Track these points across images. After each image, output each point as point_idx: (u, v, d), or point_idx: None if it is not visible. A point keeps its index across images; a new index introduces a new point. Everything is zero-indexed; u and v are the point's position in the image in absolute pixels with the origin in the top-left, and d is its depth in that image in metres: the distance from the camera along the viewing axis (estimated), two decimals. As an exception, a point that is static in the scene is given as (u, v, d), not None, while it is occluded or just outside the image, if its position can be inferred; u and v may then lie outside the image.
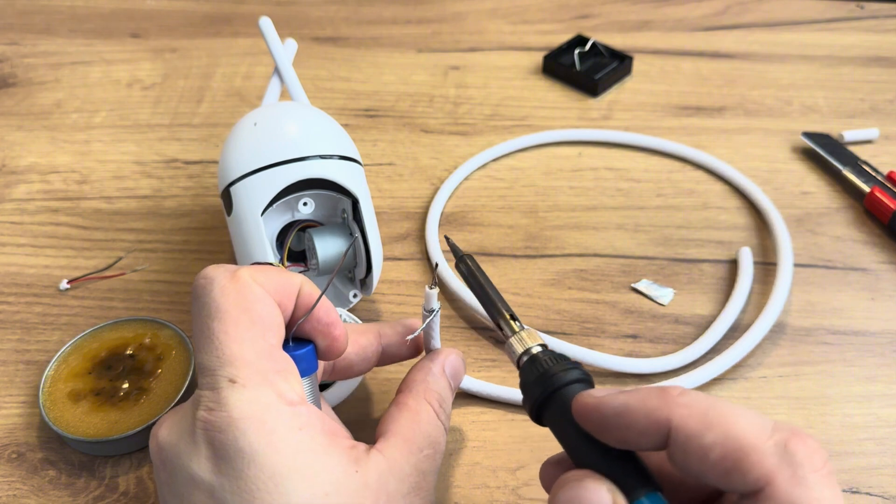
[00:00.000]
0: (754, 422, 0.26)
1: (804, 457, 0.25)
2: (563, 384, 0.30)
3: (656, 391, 0.28)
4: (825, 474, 0.25)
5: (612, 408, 0.28)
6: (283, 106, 0.51)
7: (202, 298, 0.33)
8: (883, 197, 0.56)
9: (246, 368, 0.31)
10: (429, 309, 0.40)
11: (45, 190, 0.59)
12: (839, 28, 0.77)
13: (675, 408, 0.27)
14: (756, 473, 0.25)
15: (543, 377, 0.31)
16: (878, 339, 0.49)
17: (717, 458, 0.26)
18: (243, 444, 0.30)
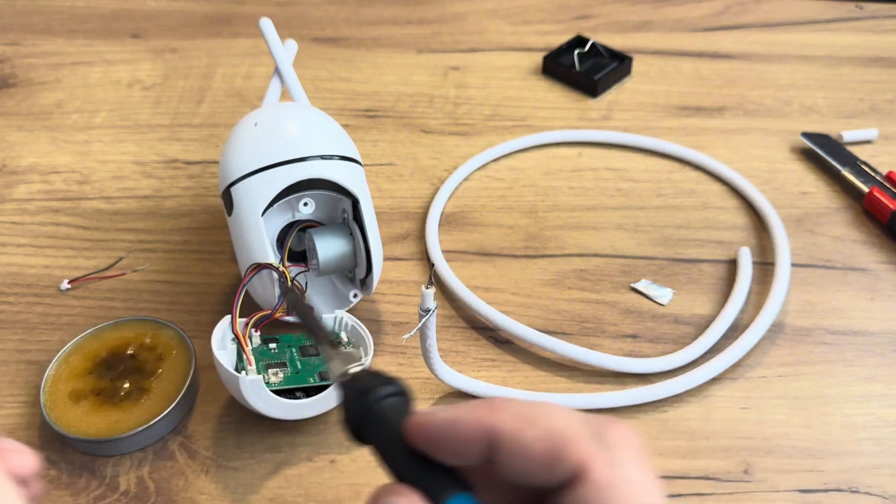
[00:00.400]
0: (571, 415, 0.27)
1: (618, 440, 0.27)
2: (378, 399, 0.30)
3: (483, 402, 0.29)
4: (638, 456, 0.27)
5: (441, 420, 0.28)
6: (283, 106, 0.51)
7: None
8: (882, 197, 0.57)
9: None
10: (425, 308, 0.40)
11: (46, 190, 0.59)
12: (838, 28, 0.77)
13: (499, 413, 0.27)
14: (575, 460, 0.26)
15: (360, 394, 0.30)
16: (878, 339, 0.49)
17: (539, 451, 0.26)
18: None
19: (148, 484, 0.42)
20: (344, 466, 0.43)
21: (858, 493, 0.42)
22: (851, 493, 0.42)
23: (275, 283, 0.44)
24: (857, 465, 0.43)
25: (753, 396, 0.46)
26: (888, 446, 0.44)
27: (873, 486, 0.42)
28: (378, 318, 0.50)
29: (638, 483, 0.26)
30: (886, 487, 0.42)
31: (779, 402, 0.46)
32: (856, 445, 0.44)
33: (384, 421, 0.30)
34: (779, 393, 0.46)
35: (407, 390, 0.31)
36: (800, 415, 0.45)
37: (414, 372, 0.47)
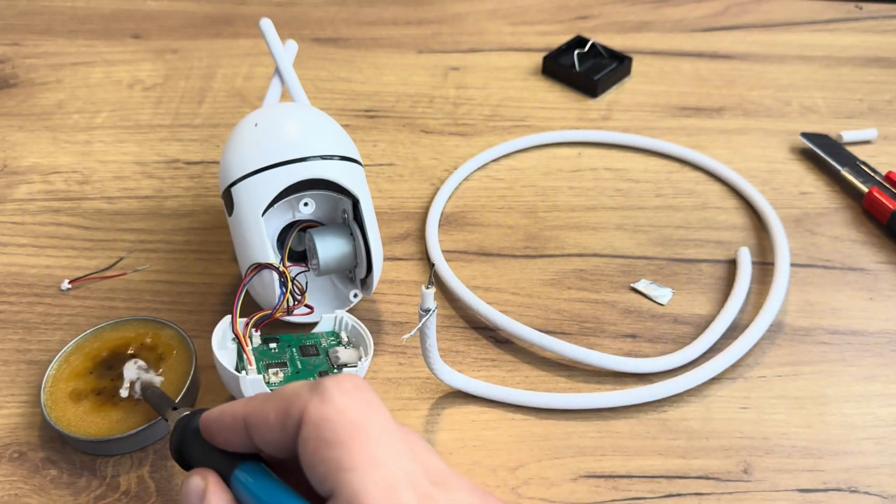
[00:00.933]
0: (300, 382, 0.29)
1: (332, 383, 0.28)
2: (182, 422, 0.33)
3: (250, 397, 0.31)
4: (351, 388, 0.28)
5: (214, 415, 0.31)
6: (283, 106, 0.51)
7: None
8: (881, 197, 0.57)
9: None
10: (425, 308, 0.40)
11: (47, 190, 0.59)
12: (838, 29, 0.77)
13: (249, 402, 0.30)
14: (297, 410, 0.28)
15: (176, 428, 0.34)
16: (877, 339, 0.49)
17: (275, 418, 0.28)
18: None
19: (148, 484, 0.42)
20: (344, 466, 0.43)
21: (858, 493, 0.42)
22: (851, 492, 0.42)
23: (275, 282, 0.44)
24: (856, 464, 0.43)
25: (753, 396, 0.46)
26: (888, 446, 0.44)
27: (873, 485, 0.42)
28: (378, 318, 0.50)
29: (351, 410, 0.27)
30: (886, 487, 0.42)
31: (778, 401, 0.46)
32: (855, 445, 0.44)
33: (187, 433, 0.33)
34: (778, 393, 0.46)
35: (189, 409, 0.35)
36: (799, 414, 0.45)
37: (414, 372, 0.47)
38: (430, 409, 0.46)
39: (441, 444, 0.44)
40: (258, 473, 0.30)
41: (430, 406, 0.46)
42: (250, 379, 0.40)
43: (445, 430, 0.45)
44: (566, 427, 0.45)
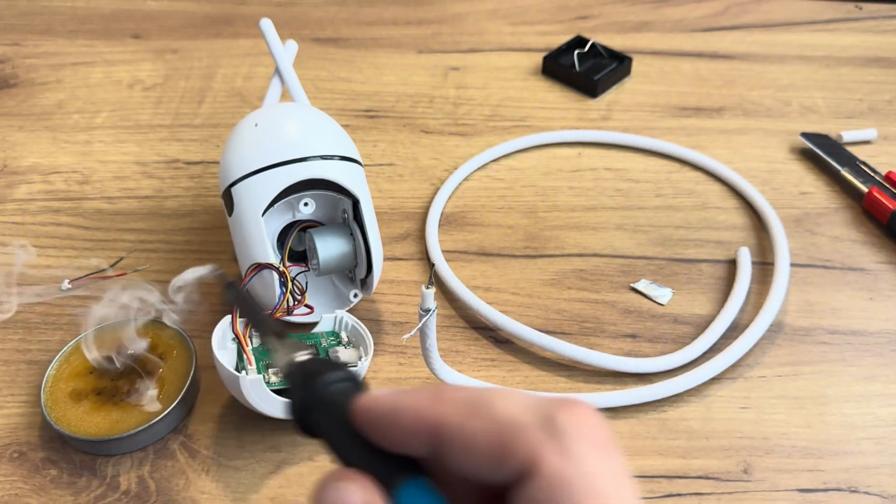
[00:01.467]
0: (518, 400, 0.23)
1: (572, 426, 0.23)
2: (326, 385, 0.28)
3: (430, 390, 0.25)
4: (599, 443, 0.23)
5: (383, 408, 0.25)
6: (283, 107, 0.51)
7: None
8: (881, 197, 0.57)
9: None
10: (425, 308, 0.40)
11: (47, 190, 0.59)
12: (838, 29, 0.77)
13: (440, 404, 0.24)
14: (523, 453, 0.22)
15: (304, 382, 0.28)
16: (877, 339, 0.49)
17: (485, 446, 0.23)
18: None
19: (149, 483, 0.42)
20: (344, 466, 0.43)
21: (858, 493, 0.42)
22: (851, 492, 0.42)
23: (275, 282, 0.44)
24: (856, 464, 0.43)
25: (753, 396, 0.46)
26: (887, 446, 0.44)
27: (873, 485, 0.42)
28: (378, 318, 0.50)
29: (598, 477, 0.22)
30: (886, 487, 0.42)
31: (778, 401, 0.46)
32: (855, 445, 0.44)
33: (331, 406, 0.27)
34: (778, 393, 0.46)
35: (356, 375, 0.28)
36: (799, 414, 0.45)
37: (414, 372, 0.47)
38: (430, 409, 0.46)
39: (441, 443, 0.44)
40: (427, 496, 0.24)
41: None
42: (250, 379, 0.40)
43: (445, 429, 0.45)
44: (566, 427, 0.45)
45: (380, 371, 0.47)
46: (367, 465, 0.25)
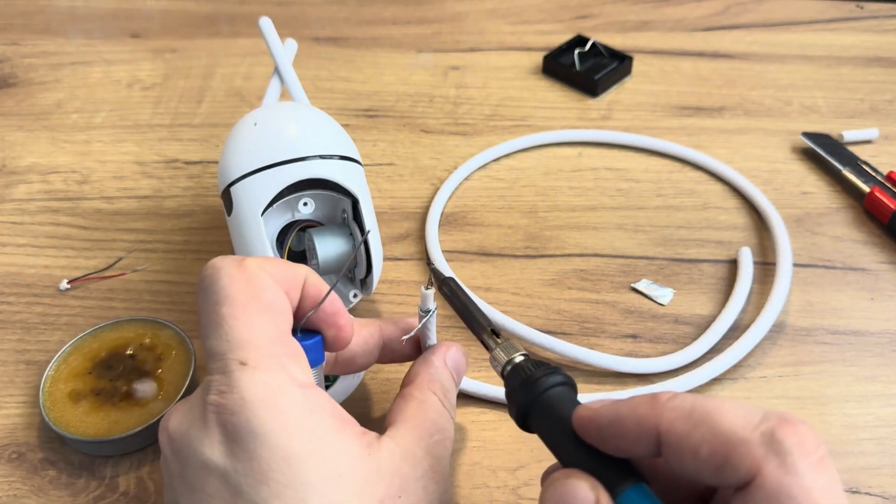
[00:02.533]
0: (740, 414, 0.26)
1: (793, 444, 0.25)
2: (545, 388, 0.31)
3: (646, 399, 0.28)
4: (817, 460, 0.25)
5: (606, 418, 0.28)
6: (283, 106, 0.51)
7: (210, 287, 0.33)
8: (882, 197, 0.57)
9: (256, 351, 0.31)
10: (425, 309, 0.40)
11: (46, 190, 0.59)
12: (839, 28, 0.77)
13: (663, 412, 0.27)
14: (745, 465, 0.25)
15: (526, 383, 0.32)
16: (878, 339, 0.49)
17: (707, 455, 0.26)
18: (256, 426, 0.29)
19: (147, 484, 0.42)
20: (344, 467, 0.43)
21: (859, 494, 0.42)
22: (852, 493, 0.42)
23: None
24: (857, 465, 0.43)
25: (754, 397, 0.46)
26: (889, 446, 0.44)
27: (874, 486, 0.42)
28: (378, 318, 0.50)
29: (816, 491, 0.24)
30: (887, 488, 0.42)
31: (779, 402, 0.46)
32: (856, 445, 0.44)
33: (552, 411, 0.31)
34: (779, 393, 0.46)
35: (570, 379, 0.32)
36: (800, 415, 0.45)
37: (414, 372, 0.47)
38: (430, 409, 0.45)
39: (441, 444, 0.44)
40: (649, 500, 0.27)
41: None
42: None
43: (445, 430, 0.45)
44: (567, 428, 0.45)
45: (379, 371, 0.47)
46: (590, 468, 0.28)
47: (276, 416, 0.30)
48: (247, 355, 0.31)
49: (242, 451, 0.29)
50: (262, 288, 0.33)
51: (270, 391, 0.30)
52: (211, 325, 0.32)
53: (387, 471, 0.31)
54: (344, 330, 0.36)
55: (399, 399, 0.37)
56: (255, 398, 0.30)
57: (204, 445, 0.30)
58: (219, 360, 0.31)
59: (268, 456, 0.29)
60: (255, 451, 0.29)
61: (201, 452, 0.30)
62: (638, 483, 0.28)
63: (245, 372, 0.30)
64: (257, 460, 0.29)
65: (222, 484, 0.29)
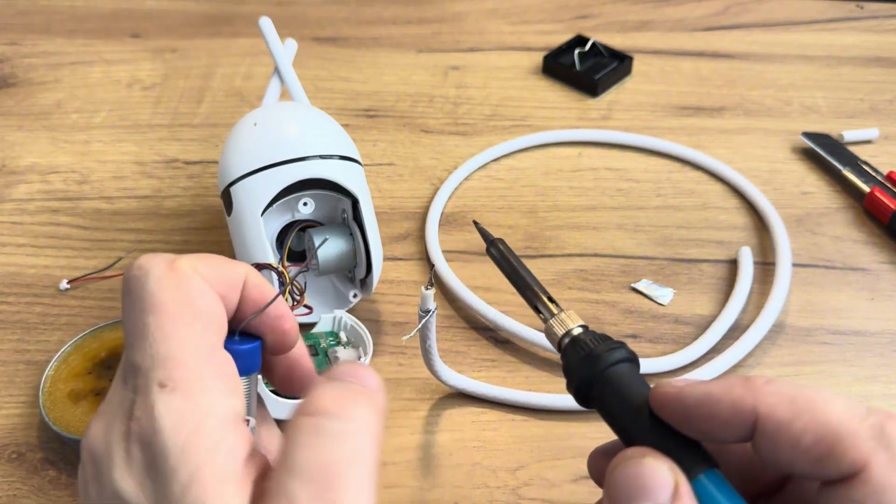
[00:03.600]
0: (846, 406, 0.25)
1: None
2: (610, 363, 0.30)
3: (741, 380, 0.27)
4: None
5: (694, 397, 0.27)
6: (283, 106, 0.51)
7: (136, 291, 0.29)
8: (883, 197, 0.56)
9: (179, 370, 0.28)
10: (425, 310, 0.40)
11: (45, 190, 0.59)
12: (839, 28, 0.77)
13: (762, 396, 0.26)
14: (850, 458, 0.24)
15: (588, 358, 0.30)
16: (878, 339, 0.49)
17: (809, 444, 0.25)
18: (166, 460, 0.26)
19: (147, 484, 0.42)
20: (344, 467, 0.43)
21: (859, 494, 0.42)
22: (852, 493, 0.42)
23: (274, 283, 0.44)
24: (857, 465, 0.43)
25: (754, 397, 0.46)
26: (889, 446, 0.44)
27: (874, 486, 0.42)
28: (378, 319, 0.50)
29: None
30: (887, 488, 0.42)
31: (779, 402, 0.46)
32: (856, 446, 0.44)
33: (619, 388, 0.29)
34: (779, 393, 0.46)
35: (635, 356, 0.30)
36: (800, 415, 0.45)
37: (414, 372, 0.47)
38: (430, 409, 0.45)
39: (441, 444, 0.44)
40: (725, 489, 0.26)
41: (430, 407, 0.46)
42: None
43: (445, 430, 0.45)
44: (567, 428, 0.45)
45: (380, 371, 0.47)
46: (665, 448, 0.27)
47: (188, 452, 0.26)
48: (169, 375, 0.27)
49: (153, 485, 0.27)
50: (194, 294, 0.29)
51: (186, 421, 0.27)
52: (135, 335, 0.29)
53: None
54: (288, 335, 0.32)
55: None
56: (169, 428, 0.27)
57: (119, 475, 0.27)
58: (140, 378, 0.28)
59: (179, 491, 0.26)
60: (166, 486, 0.26)
61: (117, 482, 0.27)
62: (712, 468, 0.27)
63: (163, 395, 0.27)
64: (168, 497, 0.26)
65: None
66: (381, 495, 0.42)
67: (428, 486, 0.42)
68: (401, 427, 0.45)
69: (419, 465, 0.43)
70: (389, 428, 0.45)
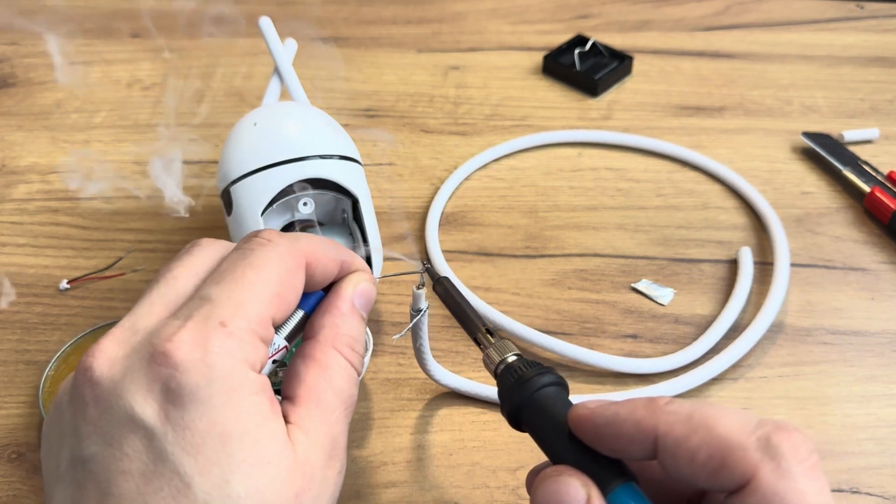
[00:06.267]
0: (737, 420, 0.27)
1: (788, 449, 0.26)
2: (538, 388, 0.32)
3: (645, 401, 0.29)
4: (810, 466, 0.26)
5: (604, 418, 0.29)
6: (283, 106, 0.51)
7: (255, 251, 0.31)
8: (883, 197, 0.56)
9: (243, 320, 0.29)
10: (416, 308, 0.40)
11: (45, 190, 0.59)
12: (839, 28, 0.77)
13: (662, 415, 0.28)
14: (741, 469, 0.26)
15: (519, 382, 0.32)
16: (878, 339, 0.49)
17: (704, 458, 0.26)
18: (203, 394, 0.27)
19: (147, 484, 0.42)
20: (344, 467, 0.43)
21: (859, 494, 0.42)
22: (852, 493, 0.42)
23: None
24: (857, 465, 0.43)
25: (754, 397, 0.46)
26: (889, 446, 0.44)
27: (874, 486, 0.42)
28: (378, 319, 0.50)
29: (808, 495, 0.25)
30: (887, 488, 0.42)
31: (779, 402, 0.46)
32: (857, 445, 0.44)
33: (544, 410, 0.31)
34: (779, 393, 0.46)
35: (562, 380, 0.32)
36: (800, 415, 0.45)
37: (414, 372, 0.47)
38: (430, 409, 0.45)
39: (441, 444, 0.44)
40: (639, 501, 0.28)
41: (429, 407, 0.46)
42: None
43: (445, 430, 0.45)
44: (567, 428, 0.45)
45: (380, 371, 0.47)
46: (582, 465, 0.29)
47: (226, 390, 0.28)
48: (232, 317, 0.29)
49: (179, 417, 0.27)
50: (293, 278, 0.32)
51: (231, 363, 0.28)
52: (228, 274, 0.30)
53: (302, 461, 0.30)
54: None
55: (299, 361, 0.33)
56: (214, 365, 0.28)
57: (137, 399, 0.27)
58: (205, 308, 0.29)
59: (204, 429, 0.27)
60: (194, 419, 0.27)
61: (131, 406, 0.27)
62: (628, 482, 0.28)
63: (219, 333, 0.29)
64: (192, 431, 0.27)
65: (146, 445, 0.27)
66: (381, 495, 0.42)
67: (428, 486, 0.42)
68: (401, 427, 0.45)
69: (419, 465, 0.43)
70: (389, 428, 0.45)
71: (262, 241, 0.32)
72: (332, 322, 0.34)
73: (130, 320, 0.30)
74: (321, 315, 0.34)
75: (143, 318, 0.30)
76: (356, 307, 0.35)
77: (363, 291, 0.35)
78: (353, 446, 0.44)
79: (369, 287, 0.36)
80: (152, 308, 0.30)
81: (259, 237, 0.32)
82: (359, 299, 0.35)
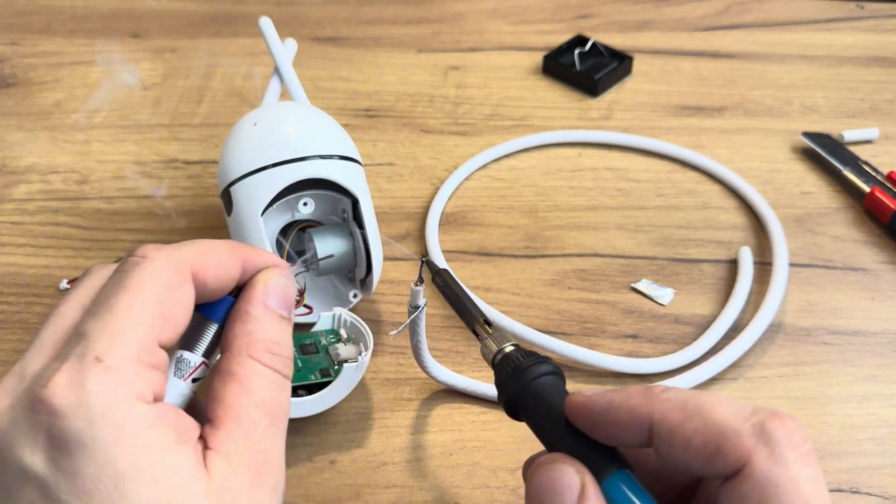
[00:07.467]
0: (732, 407, 0.27)
1: (782, 436, 0.26)
2: (535, 377, 0.32)
3: (640, 389, 0.29)
4: (804, 453, 0.26)
5: (600, 406, 0.29)
6: (283, 106, 0.51)
7: (130, 272, 0.29)
8: (883, 197, 0.56)
9: (122, 350, 0.28)
10: (414, 305, 0.40)
11: (45, 190, 0.59)
12: (839, 28, 0.77)
13: (657, 403, 0.28)
14: (735, 455, 0.26)
15: (516, 372, 0.33)
16: (878, 339, 0.49)
17: (699, 445, 0.27)
18: (86, 437, 0.26)
19: (147, 484, 0.42)
20: (343, 467, 0.43)
21: (859, 494, 0.42)
22: (852, 493, 0.42)
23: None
24: (857, 465, 0.43)
25: (754, 397, 0.46)
26: (889, 446, 0.44)
27: (874, 486, 0.42)
28: (378, 318, 0.50)
29: (802, 482, 0.26)
30: (887, 488, 0.42)
31: (779, 402, 0.46)
32: (856, 445, 0.44)
33: (541, 399, 0.31)
34: (779, 393, 0.46)
35: (559, 369, 0.33)
36: (800, 415, 0.45)
37: (414, 372, 0.47)
38: (430, 409, 0.46)
39: (441, 444, 0.44)
40: (634, 488, 0.28)
41: (429, 407, 0.46)
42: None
43: (445, 430, 0.45)
44: (567, 428, 0.45)
45: (380, 371, 0.47)
46: (578, 453, 0.29)
47: (112, 429, 0.27)
48: (109, 350, 0.28)
49: (67, 464, 0.26)
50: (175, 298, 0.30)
51: (111, 400, 0.27)
52: (102, 305, 0.29)
53: (219, 488, 0.28)
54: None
55: (216, 379, 0.31)
56: (93, 405, 0.27)
57: (24, 452, 0.27)
58: (80, 346, 0.28)
59: (94, 473, 0.26)
60: (81, 465, 0.26)
61: (20, 458, 0.27)
62: (623, 469, 0.29)
63: (96, 370, 0.27)
64: (82, 477, 0.26)
65: (40, 496, 0.26)
66: (381, 495, 0.42)
67: (428, 486, 0.42)
68: (400, 427, 0.45)
69: (419, 465, 0.43)
70: (389, 428, 0.45)
71: (136, 259, 0.30)
72: (244, 329, 0.31)
73: (21, 366, 0.29)
74: (231, 324, 0.32)
75: (31, 363, 0.29)
76: (270, 307, 0.32)
77: (275, 288, 0.32)
78: (353, 446, 0.44)
79: (282, 282, 0.33)
80: (41, 351, 0.29)
81: (134, 256, 0.30)
82: (272, 298, 0.32)
